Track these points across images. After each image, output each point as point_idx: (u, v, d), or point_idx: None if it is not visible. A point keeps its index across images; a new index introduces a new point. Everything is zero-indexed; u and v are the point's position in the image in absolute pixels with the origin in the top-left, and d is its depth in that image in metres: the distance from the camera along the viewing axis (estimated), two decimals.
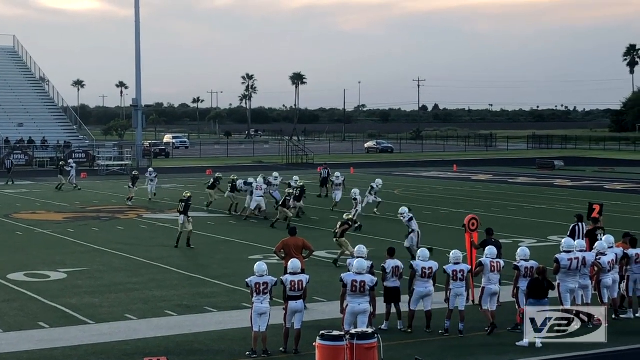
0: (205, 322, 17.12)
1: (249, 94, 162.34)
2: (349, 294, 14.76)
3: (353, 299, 14.74)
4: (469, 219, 18.86)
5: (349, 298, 14.78)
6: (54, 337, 15.98)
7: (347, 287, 14.75)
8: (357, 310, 14.70)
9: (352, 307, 14.74)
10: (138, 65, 72.24)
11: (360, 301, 14.71)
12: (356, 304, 14.71)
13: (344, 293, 14.84)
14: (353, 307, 14.73)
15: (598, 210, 22.67)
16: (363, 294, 14.72)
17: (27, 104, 77.11)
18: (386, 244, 19.55)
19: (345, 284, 14.78)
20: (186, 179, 55.42)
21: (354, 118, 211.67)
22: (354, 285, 14.71)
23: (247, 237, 28.53)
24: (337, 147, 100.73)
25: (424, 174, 58.72)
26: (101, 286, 20.76)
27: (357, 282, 14.70)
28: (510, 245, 23.40)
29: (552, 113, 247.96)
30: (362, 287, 14.70)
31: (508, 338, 15.63)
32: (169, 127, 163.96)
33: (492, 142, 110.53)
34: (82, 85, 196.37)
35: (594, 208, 23.08)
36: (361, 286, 14.70)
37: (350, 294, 14.75)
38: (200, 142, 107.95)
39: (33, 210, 37.16)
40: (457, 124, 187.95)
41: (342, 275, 14.95)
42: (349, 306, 14.77)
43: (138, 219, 34.01)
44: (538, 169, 65.58)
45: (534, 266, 15.96)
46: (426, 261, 16.23)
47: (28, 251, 26.10)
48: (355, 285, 14.70)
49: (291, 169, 65.87)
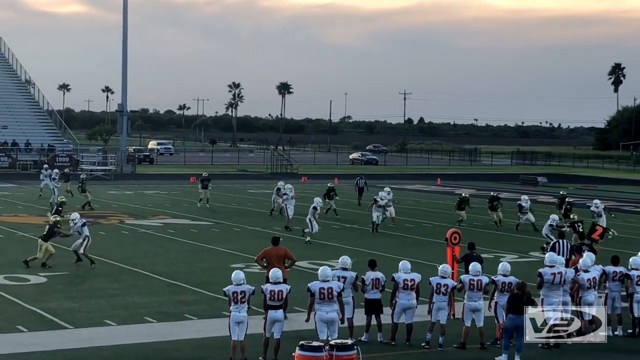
0: (184, 330, 17.06)
1: (235, 102, 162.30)
2: (317, 302, 14.81)
3: (321, 306, 14.80)
4: (451, 233, 18.89)
5: (317, 306, 14.83)
6: (32, 341, 15.88)
7: (315, 296, 14.79)
8: (325, 319, 14.75)
9: (321, 315, 14.79)
10: (124, 71, 72.14)
11: (328, 309, 14.77)
12: (324, 312, 14.77)
13: (312, 302, 14.89)
14: (321, 315, 14.78)
15: (600, 232, 22.83)
16: (331, 300, 14.78)
17: (11, 106, 76.76)
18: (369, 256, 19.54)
19: (312, 293, 14.82)
20: (169, 186, 55.29)
21: (340, 129, 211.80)
22: (321, 293, 14.75)
23: (230, 246, 28.47)
24: (322, 158, 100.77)
25: (408, 186, 58.82)
26: (81, 291, 20.66)
27: (324, 290, 14.76)
28: (491, 260, 23.45)
29: (536, 129, 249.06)
30: (330, 294, 14.76)
31: (487, 353, 15.64)
32: (154, 134, 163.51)
33: (477, 157, 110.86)
34: (68, 88, 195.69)
35: (596, 229, 23.29)
36: (329, 293, 14.75)
37: (318, 302, 14.80)
38: (185, 149, 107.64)
39: (15, 213, 36.97)
40: (442, 137, 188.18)
41: (309, 285, 15.00)
42: (318, 314, 14.82)
43: (120, 224, 33.89)
44: (521, 184, 65.80)
45: (512, 282, 15.98)
46: (408, 273, 16.24)
47: (8, 254, 25.95)
48: (323, 293, 14.75)
49: (275, 179, 65.84)
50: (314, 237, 29.61)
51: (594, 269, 17.21)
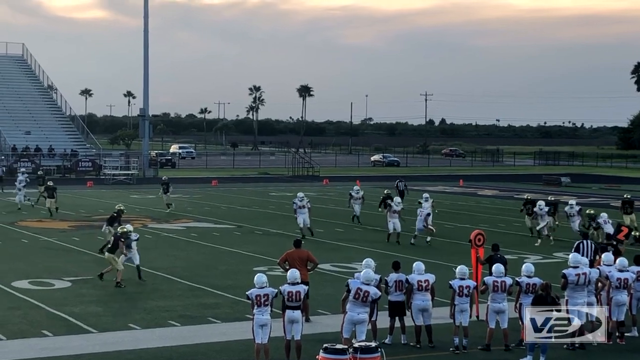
0: (208, 333, 17.09)
1: (256, 105, 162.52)
2: (351, 300, 14.82)
3: (353, 307, 14.80)
4: (475, 235, 18.85)
5: (349, 305, 14.84)
6: (57, 345, 15.97)
7: (350, 293, 14.80)
8: (356, 320, 14.77)
9: (351, 316, 14.79)
10: (146, 75, 72.42)
11: (360, 311, 14.79)
12: (355, 313, 14.78)
13: (346, 297, 14.90)
14: (352, 316, 14.78)
15: (625, 233, 22.69)
16: (364, 303, 14.78)
17: (34, 112, 77.32)
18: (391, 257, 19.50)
19: (349, 290, 14.83)
20: (192, 189, 55.45)
21: (361, 131, 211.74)
22: (357, 293, 14.76)
23: (252, 249, 28.50)
24: (344, 160, 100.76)
25: (430, 188, 58.64)
26: (105, 295, 20.75)
27: (361, 291, 14.78)
28: (515, 262, 23.33)
29: (559, 129, 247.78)
30: (365, 297, 14.76)
31: (511, 355, 15.57)
32: (175, 137, 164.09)
33: (499, 158, 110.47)
34: (90, 94, 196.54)
35: (621, 229, 23.16)
36: (364, 296, 14.76)
37: (352, 301, 14.80)
38: (206, 153, 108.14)
39: (39, 218, 37.20)
40: (463, 138, 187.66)
41: (349, 281, 15.03)
42: (348, 314, 14.82)
43: (143, 228, 34.01)
44: (544, 185, 65.51)
45: (537, 283, 15.91)
46: (422, 274, 16.21)
47: (33, 259, 26.12)
48: (359, 294, 14.76)
49: (296, 181, 65.92)
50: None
51: (631, 269, 17.05)
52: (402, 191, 43.38)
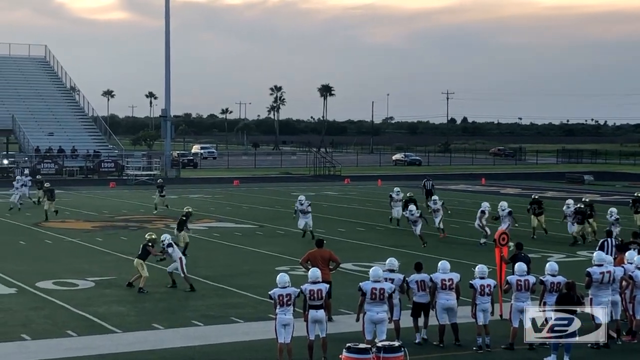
0: (231, 332, 17.14)
1: (277, 105, 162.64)
2: (368, 302, 14.83)
3: (372, 307, 14.82)
4: (500, 234, 18.82)
5: (367, 306, 14.85)
6: (81, 345, 16.06)
7: (366, 296, 14.80)
8: (375, 319, 14.80)
9: (370, 316, 14.81)
10: (167, 76, 72.71)
11: (378, 310, 14.81)
12: (374, 312, 14.80)
13: (363, 302, 14.89)
14: (371, 316, 14.81)
15: None
16: (382, 301, 14.81)
17: (57, 113, 77.77)
18: (414, 257, 19.52)
19: (364, 293, 14.82)
20: (213, 189, 55.59)
21: (382, 130, 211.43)
22: (373, 293, 14.76)
23: (274, 248, 28.55)
24: (365, 159, 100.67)
25: (452, 186, 58.51)
26: (129, 295, 20.85)
27: (376, 290, 14.79)
28: (539, 260, 23.25)
29: (582, 127, 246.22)
30: (382, 295, 14.77)
31: (535, 354, 15.50)
32: (197, 138, 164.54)
33: (521, 156, 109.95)
34: (112, 95, 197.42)
35: None
36: (380, 293, 14.77)
37: (368, 302, 14.82)
38: (228, 153, 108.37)
39: (62, 219, 37.41)
40: (485, 137, 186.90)
41: (361, 284, 15.01)
42: (367, 314, 14.84)
43: (166, 228, 34.09)
44: (567, 183, 65.17)
45: (561, 281, 15.85)
46: (446, 273, 16.18)
47: (57, 259, 26.29)
48: (375, 293, 14.77)
49: (318, 181, 65.94)
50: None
51: None
52: (429, 190, 42.93)
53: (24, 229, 33.72)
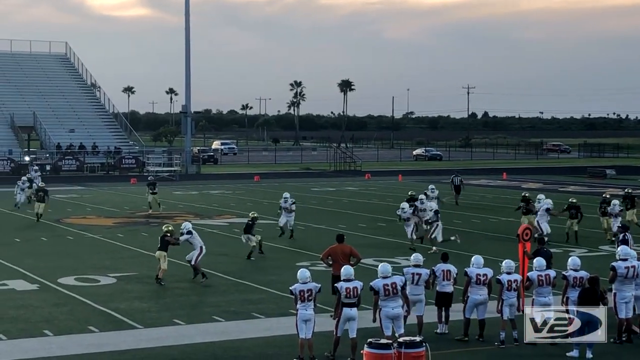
0: (252, 328, 17.14)
1: (297, 100, 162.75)
2: (382, 298, 14.75)
3: (387, 302, 14.75)
4: (523, 229, 18.72)
5: (382, 303, 14.78)
6: (103, 341, 16.11)
7: (379, 294, 14.72)
8: (392, 315, 14.74)
9: (387, 312, 14.75)
10: (188, 72, 72.81)
11: (394, 305, 14.75)
12: (390, 308, 14.74)
13: (377, 301, 14.81)
14: (387, 312, 14.75)
15: None
16: (396, 295, 14.75)
17: (78, 110, 78.13)
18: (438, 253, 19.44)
19: (377, 291, 14.75)
20: (234, 185, 55.66)
21: (402, 125, 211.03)
22: (386, 290, 14.71)
23: (294, 244, 28.54)
24: (385, 155, 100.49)
25: (473, 181, 58.27)
26: (150, 291, 20.90)
27: (388, 286, 14.74)
28: (561, 255, 23.11)
29: (604, 121, 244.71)
30: (394, 289, 14.73)
31: (558, 349, 15.40)
32: (217, 134, 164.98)
33: (543, 150, 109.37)
34: (132, 91, 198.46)
35: None
36: (393, 288, 14.72)
37: (383, 299, 14.75)
38: (248, 149, 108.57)
39: (83, 215, 37.58)
40: (506, 131, 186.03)
41: (372, 284, 14.87)
42: (383, 310, 14.76)
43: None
44: (589, 177, 64.77)
45: (584, 276, 15.75)
46: (481, 268, 16.09)
47: (78, 256, 26.39)
48: (388, 289, 14.71)
49: (338, 176, 65.89)
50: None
51: None
52: (457, 186, 42.38)
53: (45, 225, 33.88)
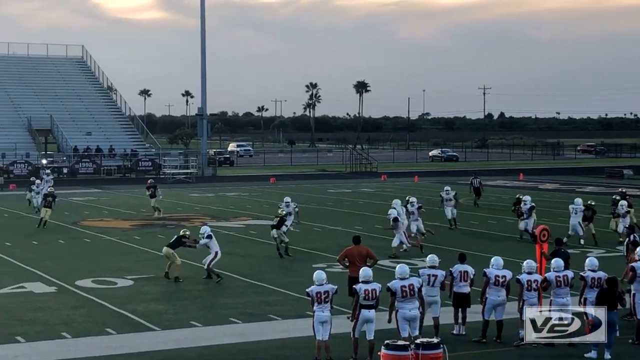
0: (269, 330, 17.15)
1: (312, 102, 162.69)
2: (399, 300, 14.75)
3: (404, 304, 14.75)
4: (540, 230, 18.69)
5: (398, 304, 14.77)
6: (120, 343, 16.16)
7: (396, 295, 14.71)
8: (409, 317, 14.73)
9: (403, 313, 14.74)
10: (203, 75, 72.96)
11: (411, 307, 14.75)
12: (407, 309, 14.74)
13: (393, 302, 14.80)
14: (404, 313, 14.74)
15: None
16: (413, 297, 14.74)
17: (95, 113, 78.40)
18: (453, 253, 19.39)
19: (394, 292, 14.74)
20: (250, 187, 55.72)
21: (418, 126, 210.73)
22: (403, 291, 14.69)
23: (310, 246, 28.54)
24: (401, 156, 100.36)
25: (490, 182, 58.11)
26: (167, 293, 20.96)
27: (406, 287, 14.73)
28: (578, 256, 23.01)
29: (620, 121, 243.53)
30: (412, 291, 14.73)
31: (576, 350, 15.34)
32: (233, 136, 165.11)
33: (560, 151, 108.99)
34: (149, 94, 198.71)
35: None
36: (410, 290, 14.72)
37: (400, 300, 14.74)
38: (264, 151, 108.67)
39: (100, 218, 37.71)
40: (523, 132, 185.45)
41: (389, 284, 14.87)
42: (400, 312, 14.75)
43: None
44: (607, 177, 64.48)
45: (602, 277, 15.68)
46: (500, 269, 16.04)
47: (95, 258, 26.48)
48: (405, 290, 14.70)
49: (354, 178, 65.85)
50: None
51: None
52: (477, 188, 42.14)
53: (63, 228, 34.02)
